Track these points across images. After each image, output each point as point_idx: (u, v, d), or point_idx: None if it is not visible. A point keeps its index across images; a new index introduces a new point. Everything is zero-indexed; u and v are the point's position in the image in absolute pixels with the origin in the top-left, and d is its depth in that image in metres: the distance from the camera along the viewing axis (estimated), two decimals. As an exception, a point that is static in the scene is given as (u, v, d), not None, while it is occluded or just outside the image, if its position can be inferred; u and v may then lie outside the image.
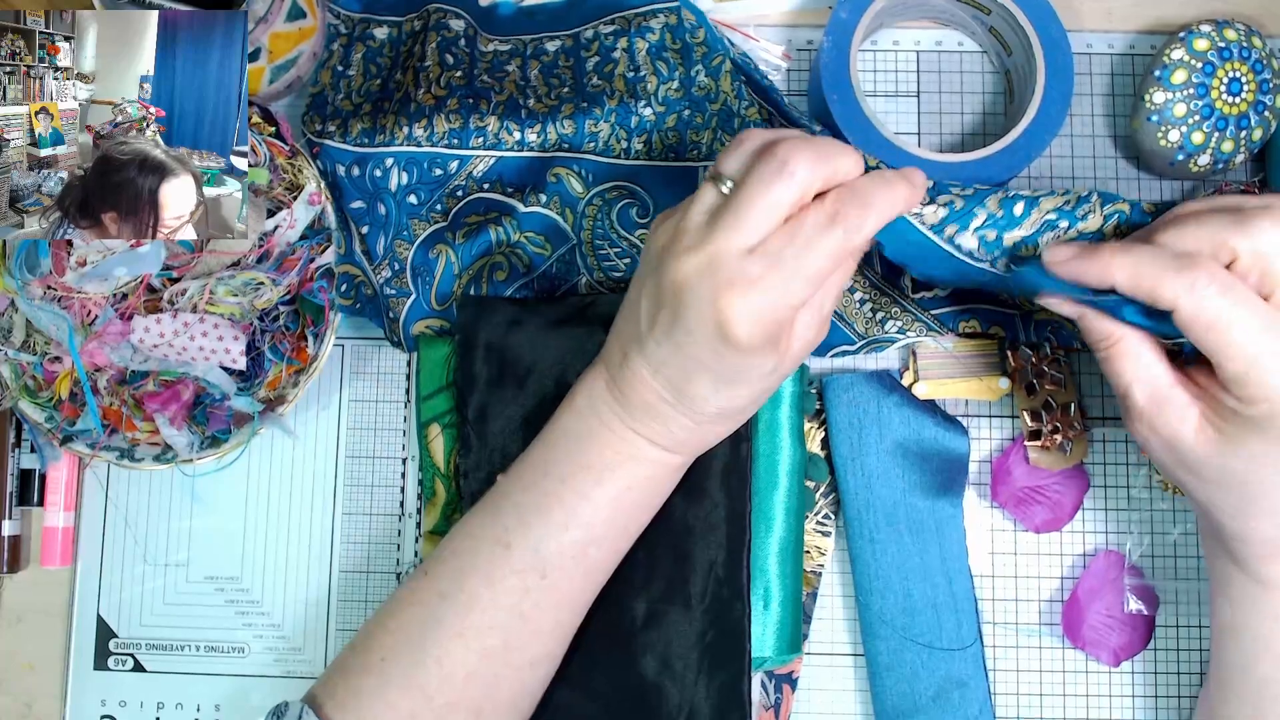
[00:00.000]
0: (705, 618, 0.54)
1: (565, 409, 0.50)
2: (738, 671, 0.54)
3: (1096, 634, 0.57)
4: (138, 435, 0.57)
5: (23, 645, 0.61)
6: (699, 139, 0.59)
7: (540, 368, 0.56)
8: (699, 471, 0.54)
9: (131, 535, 0.61)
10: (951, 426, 0.57)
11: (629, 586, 0.54)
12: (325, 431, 0.61)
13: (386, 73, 0.61)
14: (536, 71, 0.61)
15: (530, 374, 0.56)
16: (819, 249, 0.42)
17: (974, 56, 0.62)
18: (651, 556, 0.54)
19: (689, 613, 0.54)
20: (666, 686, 0.53)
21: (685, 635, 0.53)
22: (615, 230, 0.59)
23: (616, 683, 0.53)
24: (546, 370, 0.56)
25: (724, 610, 0.54)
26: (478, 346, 0.57)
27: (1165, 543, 0.58)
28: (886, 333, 0.58)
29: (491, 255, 0.59)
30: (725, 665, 0.54)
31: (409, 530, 0.60)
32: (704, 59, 0.59)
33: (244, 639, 0.60)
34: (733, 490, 0.54)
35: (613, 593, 0.53)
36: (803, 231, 0.42)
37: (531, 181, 0.59)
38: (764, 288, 0.42)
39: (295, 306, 0.57)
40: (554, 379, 0.56)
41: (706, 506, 0.54)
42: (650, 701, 0.53)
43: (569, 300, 0.58)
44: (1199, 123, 0.56)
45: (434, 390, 0.58)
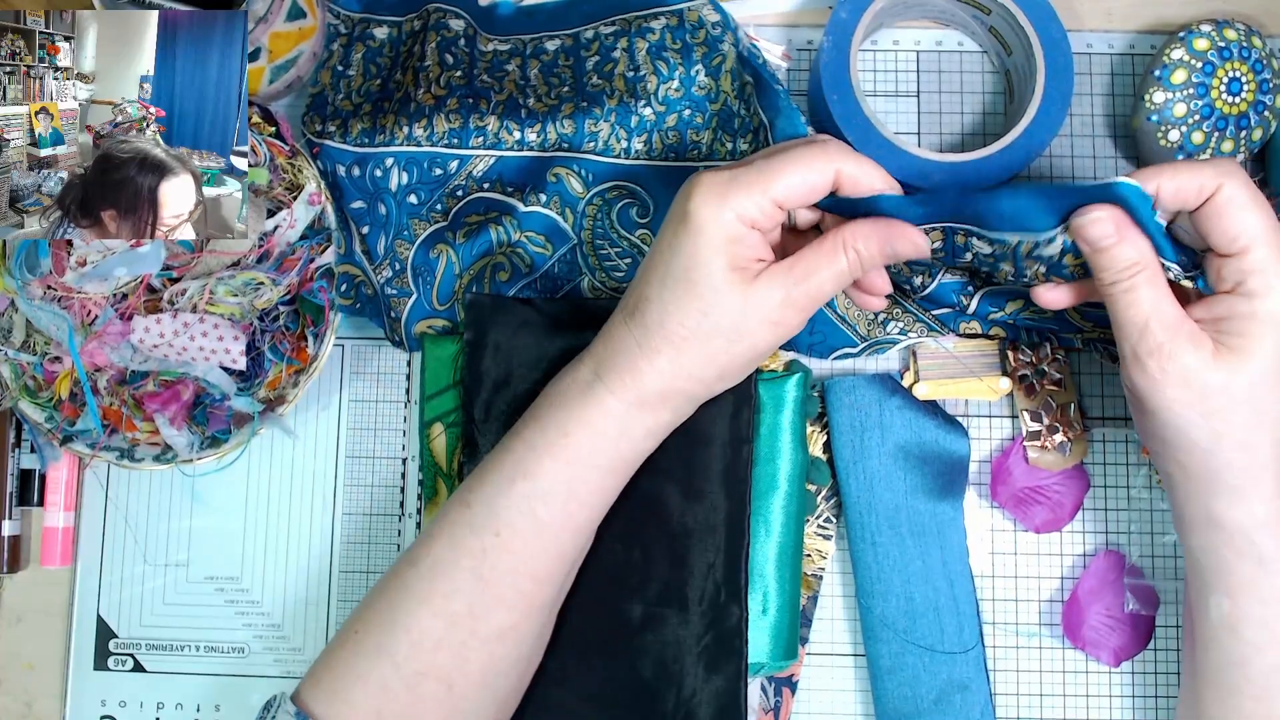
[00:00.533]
0: (703, 621, 0.54)
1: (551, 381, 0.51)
2: (735, 675, 0.54)
3: (1097, 634, 0.57)
4: (138, 435, 0.57)
5: (23, 645, 0.61)
6: (699, 139, 0.59)
7: (548, 368, 0.56)
8: (699, 473, 0.54)
9: (131, 535, 0.61)
10: (952, 429, 0.57)
11: (626, 589, 0.54)
12: (325, 431, 0.61)
13: (386, 73, 0.61)
14: (536, 71, 0.61)
15: (537, 375, 0.56)
16: (796, 171, 0.47)
17: (974, 56, 0.62)
18: (648, 559, 0.54)
19: (686, 615, 0.54)
20: (663, 690, 0.53)
21: (682, 638, 0.53)
22: (615, 230, 0.59)
23: (613, 685, 0.53)
24: (554, 371, 0.56)
25: (721, 614, 0.54)
26: (487, 346, 0.57)
27: (1165, 543, 0.58)
28: (888, 334, 0.58)
29: (493, 255, 0.59)
30: (722, 669, 0.53)
31: (409, 530, 0.60)
32: (704, 59, 0.59)
33: (244, 639, 0.60)
34: (732, 492, 0.54)
35: (610, 595, 0.53)
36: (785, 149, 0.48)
37: (531, 181, 0.59)
38: (737, 175, 0.46)
39: (295, 306, 0.57)
40: None
41: (705, 508, 0.54)
42: (647, 704, 0.53)
43: (577, 300, 0.58)
44: (1199, 123, 0.56)
45: (439, 389, 0.58)
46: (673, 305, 0.47)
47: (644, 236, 0.59)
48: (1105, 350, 0.56)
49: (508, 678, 0.50)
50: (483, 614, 0.48)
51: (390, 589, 0.49)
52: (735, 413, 0.55)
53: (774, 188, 0.46)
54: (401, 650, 0.48)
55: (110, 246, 0.56)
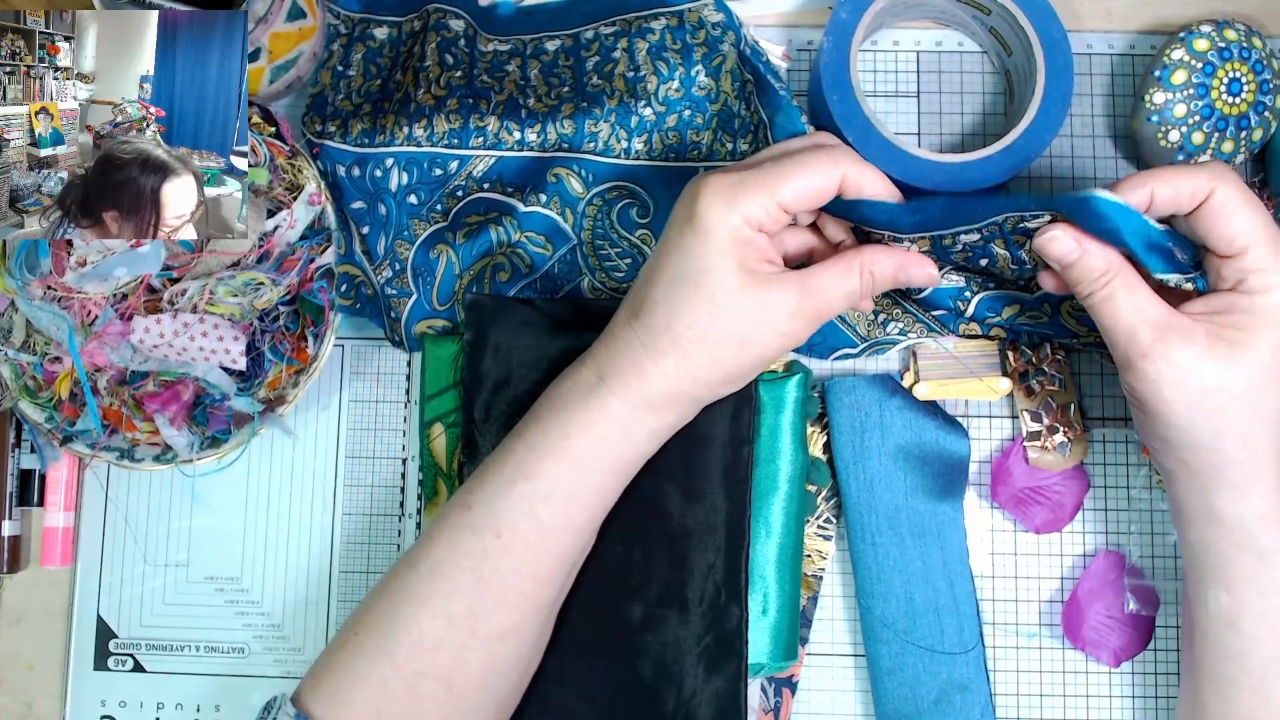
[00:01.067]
0: (703, 622, 0.54)
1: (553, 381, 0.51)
2: (735, 675, 0.54)
3: (1097, 635, 0.57)
4: (138, 435, 0.57)
5: (23, 645, 0.61)
6: (699, 139, 0.59)
7: (548, 368, 0.56)
8: (699, 474, 0.54)
9: (131, 535, 0.61)
10: (952, 429, 0.57)
11: (626, 590, 0.54)
12: (325, 431, 0.61)
13: (386, 73, 0.61)
14: (536, 71, 0.61)
15: (538, 375, 0.56)
16: (803, 176, 0.47)
17: (974, 56, 0.62)
18: (648, 560, 0.54)
19: (686, 616, 0.54)
20: (663, 690, 0.53)
21: (683, 639, 0.53)
22: (615, 230, 0.59)
23: (613, 685, 0.53)
24: (555, 371, 0.56)
25: (722, 614, 0.54)
26: (487, 346, 0.57)
27: (1165, 543, 0.58)
28: (888, 334, 0.58)
29: (493, 256, 0.59)
30: (722, 669, 0.53)
31: (409, 530, 0.60)
32: (704, 59, 0.59)
33: (244, 639, 0.60)
34: (732, 493, 0.54)
35: (610, 596, 0.53)
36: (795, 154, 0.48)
37: (531, 182, 0.59)
38: (745, 178, 0.46)
39: (295, 306, 0.57)
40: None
41: (705, 509, 0.54)
42: (647, 705, 0.53)
43: (578, 301, 0.58)
44: (1199, 123, 0.56)
45: (439, 390, 0.58)
46: (681, 307, 0.47)
47: (644, 237, 0.59)
48: (1104, 352, 0.56)
49: (507, 678, 0.50)
50: (483, 615, 0.48)
51: (390, 590, 0.49)
52: (735, 413, 0.55)
53: (781, 192, 0.46)
54: (401, 651, 0.47)
55: (110, 246, 0.56)
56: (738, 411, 0.55)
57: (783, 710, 0.57)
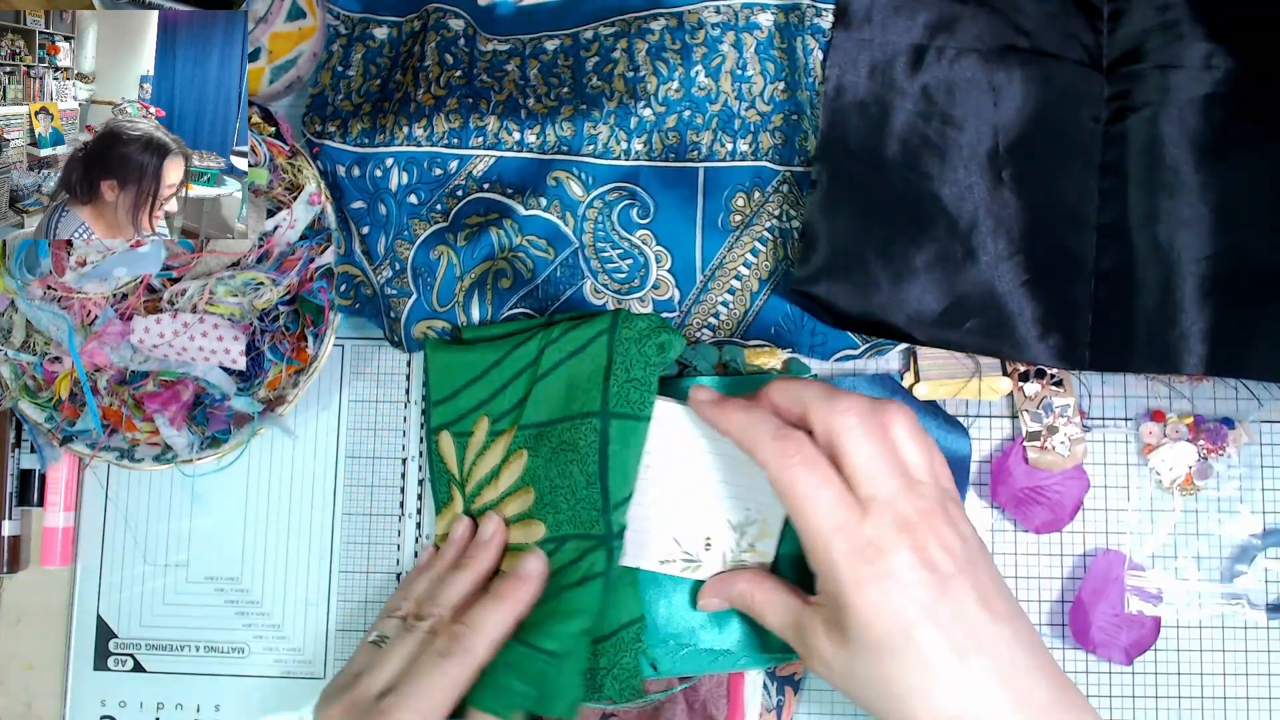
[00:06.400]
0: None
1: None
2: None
3: (1105, 635, 0.57)
4: (138, 435, 0.57)
5: (23, 645, 0.61)
6: (699, 139, 0.59)
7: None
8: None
9: (131, 535, 0.61)
10: (954, 429, 0.57)
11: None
12: (325, 431, 0.61)
13: (386, 73, 0.61)
14: (536, 71, 0.61)
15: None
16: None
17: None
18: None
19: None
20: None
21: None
22: (616, 231, 0.59)
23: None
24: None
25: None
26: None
27: (1165, 543, 0.58)
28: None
29: (495, 260, 0.59)
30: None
31: (409, 530, 0.60)
32: (704, 60, 0.59)
33: (244, 639, 0.60)
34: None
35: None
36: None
37: (531, 184, 0.59)
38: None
39: (295, 306, 0.57)
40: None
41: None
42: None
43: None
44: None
45: (443, 397, 0.57)
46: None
47: (644, 237, 0.59)
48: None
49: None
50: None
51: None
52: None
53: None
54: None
55: (110, 247, 0.56)
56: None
57: (785, 708, 0.57)
